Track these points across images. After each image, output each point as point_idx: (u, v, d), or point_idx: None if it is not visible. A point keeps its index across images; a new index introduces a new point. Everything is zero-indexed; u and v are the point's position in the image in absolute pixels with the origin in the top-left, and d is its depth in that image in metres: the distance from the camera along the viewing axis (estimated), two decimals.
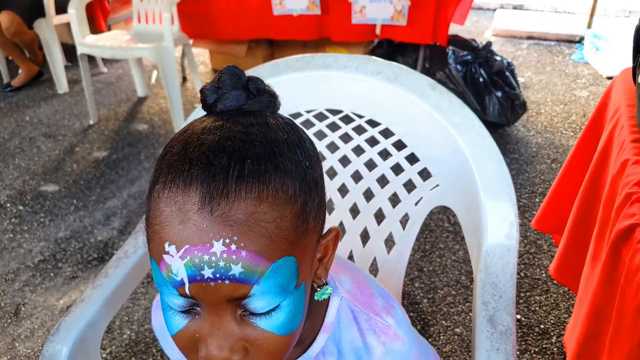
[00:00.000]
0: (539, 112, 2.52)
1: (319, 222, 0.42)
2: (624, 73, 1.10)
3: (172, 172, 0.36)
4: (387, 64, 0.79)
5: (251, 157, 0.36)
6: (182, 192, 0.35)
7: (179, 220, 0.34)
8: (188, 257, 0.34)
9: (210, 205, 0.34)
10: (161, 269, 0.36)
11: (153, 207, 0.36)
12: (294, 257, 0.37)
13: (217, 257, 0.34)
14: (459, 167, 0.74)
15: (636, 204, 0.71)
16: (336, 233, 0.46)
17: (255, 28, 2.63)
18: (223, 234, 0.34)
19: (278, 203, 0.36)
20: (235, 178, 0.35)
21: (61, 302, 1.53)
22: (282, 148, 0.38)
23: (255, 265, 0.35)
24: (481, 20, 4.01)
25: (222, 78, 0.40)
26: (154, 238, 0.36)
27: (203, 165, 0.35)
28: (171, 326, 0.39)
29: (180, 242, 0.34)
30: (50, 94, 3.02)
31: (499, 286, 0.68)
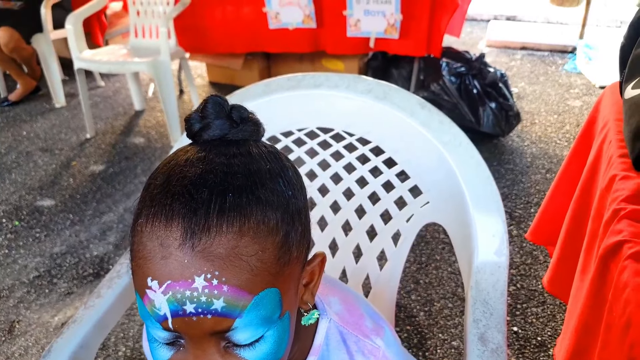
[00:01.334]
0: (533, 122, 2.54)
1: (302, 250, 0.42)
2: (613, 87, 1.12)
3: (154, 205, 0.36)
4: (377, 83, 0.80)
5: (233, 190, 0.36)
6: (164, 227, 0.35)
7: (161, 255, 0.35)
8: (170, 292, 0.35)
9: (191, 241, 0.34)
10: (145, 303, 0.36)
11: (136, 241, 0.37)
12: (277, 288, 0.38)
13: (199, 293, 0.34)
14: (449, 185, 0.75)
15: (624, 220, 0.71)
16: (322, 258, 0.47)
17: (251, 42, 2.66)
18: (204, 269, 0.34)
19: (260, 236, 0.36)
20: (217, 212, 0.35)
21: (56, 319, 1.53)
22: (264, 179, 0.38)
23: (237, 299, 0.35)
24: (475, 31, 4.05)
25: (206, 107, 0.41)
26: (137, 272, 0.37)
27: (185, 199, 0.35)
28: (156, 358, 0.39)
29: (163, 278, 0.35)
30: (47, 108, 3.03)
31: (490, 303, 0.68)
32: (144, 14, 2.64)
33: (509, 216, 1.87)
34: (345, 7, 2.28)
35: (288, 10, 2.44)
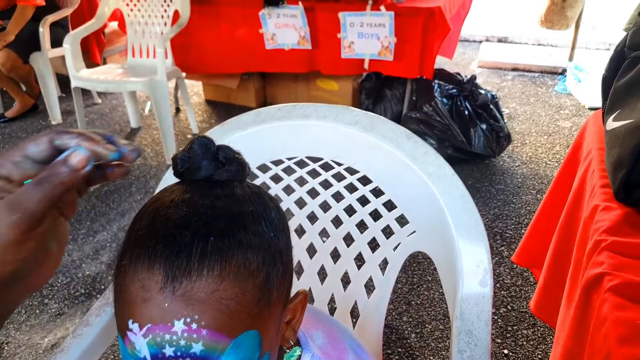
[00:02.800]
0: (524, 143, 2.58)
1: (283, 290, 0.43)
2: (596, 115, 1.14)
3: (138, 247, 0.37)
4: (364, 114, 0.82)
5: (215, 234, 0.37)
6: (147, 270, 0.36)
7: (142, 298, 0.36)
8: (150, 335, 0.35)
9: (172, 285, 0.35)
10: (126, 345, 0.37)
11: (119, 282, 0.38)
12: (257, 329, 0.38)
13: (178, 336, 0.35)
14: (434, 215, 0.77)
15: (604, 252, 0.73)
16: (303, 296, 0.47)
17: (247, 62, 2.70)
18: (184, 312, 0.35)
19: (240, 279, 0.37)
20: (199, 256, 0.36)
21: (46, 340, 1.52)
22: (247, 221, 0.39)
23: (216, 342, 0.36)
24: (467, 52, 4.12)
25: (193, 148, 0.42)
26: (119, 313, 0.38)
27: (168, 242, 0.36)
28: None
29: (143, 321, 0.36)
30: (43, 125, 3.04)
31: (474, 334, 0.69)
32: (141, 34, 2.67)
33: (500, 237, 1.89)
34: (339, 30, 2.33)
35: (284, 32, 2.48)
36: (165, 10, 2.58)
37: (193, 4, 2.49)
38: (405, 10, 2.19)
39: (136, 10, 2.65)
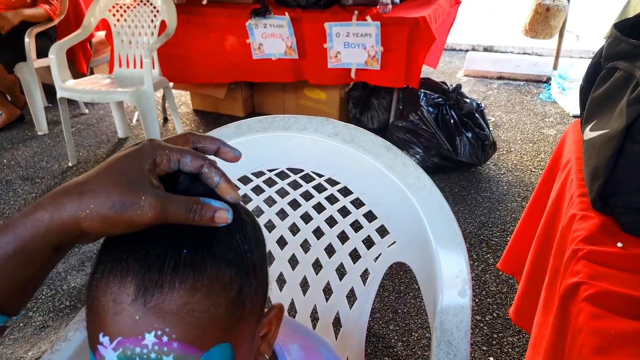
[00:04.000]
0: (510, 151, 2.61)
1: (257, 304, 0.42)
2: (575, 124, 1.16)
3: (110, 261, 0.37)
4: (344, 125, 0.83)
5: (188, 246, 0.37)
6: (119, 283, 0.36)
7: (113, 311, 0.36)
8: (120, 349, 0.35)
9: (144, 297, 0.35)
10: (96, 358, 0.37)
11: (91, 295, 0.38)
12: (229, 343, 0.38)
13: (149, 349, 0.35)
14: (414, 226, 0.77)
15: (581, 261, 0.74)
16: (278, 309, 0.48)
17: (235, 71, 2.70)
18: (155, 325, 0.35)
19: (212, 292, 0.37)
20: (171, 269, 0.36)
21: (30, 354, 1.50)
22: (221, 234, 0.39)
23: (187, 356, 0.36)
24: (454, 60, 4.17)
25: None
26: (90, 327, 0.38)
27: (140, 255, 0.36)
28: None
29: (114, 334, 0.35)
30: (29, 136, 3.02)
31: (454, 344, 0.69)
32: (127, 44, 2.67)
33: (486, 244, 1.90)
34: (325, 40, 2.34)
35: (270, 42, 2.50)
36: (152, 20, 2.58)
37: (180, 14, 2.49)
38: (391, 20, 2.22)
39: (122, 21, 2.64)
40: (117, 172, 0.36)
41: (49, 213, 0.35)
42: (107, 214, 0.35)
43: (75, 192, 0.36)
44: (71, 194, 0.36)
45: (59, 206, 0.35)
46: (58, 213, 0.35)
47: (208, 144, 0.42)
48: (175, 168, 0.39)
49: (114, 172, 0.36)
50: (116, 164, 0.37)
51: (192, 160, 0.39)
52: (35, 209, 0.36)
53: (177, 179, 0.40)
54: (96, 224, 0.35)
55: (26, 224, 0.36)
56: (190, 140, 0.41)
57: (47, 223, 0.35)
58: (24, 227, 0.36)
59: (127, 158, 0.37)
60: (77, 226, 0.36)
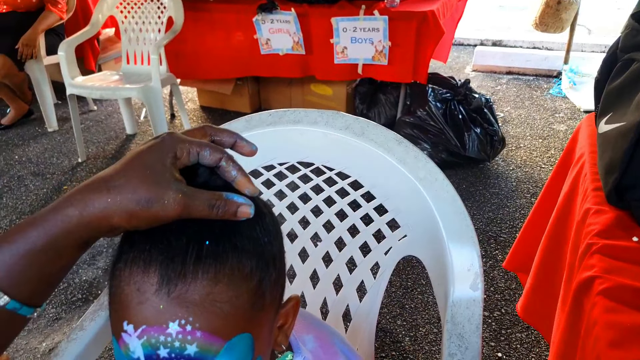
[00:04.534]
0: (519, 147, 2.59)
1: (276, 295, 0.43)
2: (589, 118, 1.15)
3: (133, 251, 0.38)
4: (355, 119, 0.82)
5: (210, 238, 0.37)
6: (142, 273, 0.36)
7: (137, 300, 0.36)
8: (145, 337, 0.36)
9: (167, 287, 0.36)
10: (120, 346, 0.37)
11: (114, 284, 0.38)
12: (250, 333, 0.39)
13: (173, 338, 0.35)
14: (425, 219, 0.77)
15: (596, 255, 0.73)
16: (295, 302, 0.48)
17: (242, 67, 2.71)
18: (179, 314, 0.35)
19: (234, 282, 0.37)
20: (194, 260, 0.36)
21: (44, 345, 1.51)
22: (242, 226, 0.39)
23: (210, 344, 0.36)
24: (462, 55, 4.15)
25: None
26: (113, 315, 0.38)
27: (163, 246, 0.37)
28: None
29: (138, 322, 0.36)
30: (39, 132, 3.04)
31: (465, 337, 0.69)
32: (135, 41, 2.68)
33: (494, 241, 1.89)
34: (332, 35, 2.34)
35: (278, 37, 2.49)
36: (159, 17, 2.59)
37: (187, 11, 2.50)
38: (399, 14, 2.20)
39: (130, 17, 2.65)
40: (141, 167, 0.37)
41: (78, 210, 0.36)
42: (134, 209, 0.36)
43: (103, 189, 0.36)
44: (99, 191, 0.36)
45: (87, 202, 0.36)
46: (87, 209, 0.36)
47: (225, 137, 0.42)
48: (194, 161, 0.39)
49: (139, 167, 0.37)
50: (140, 159, 0.37)
51: (211, 153, 0.39)
52: (65, 205, 0.36)
53: (196, 171, 0.41)
54: (124, 219, 0.36)
55: (56, 220, 0.36)
56: (208, 133, 0.42)
57: (77, 219, 0.36)
58: (54, 223, 0.36)
59: (150, 152, 0.38)
60: (106, 222, 0.36)
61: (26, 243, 0.36)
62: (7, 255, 0.36)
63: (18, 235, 0.36)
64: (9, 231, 0.37)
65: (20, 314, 0.37)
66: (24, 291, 0.36)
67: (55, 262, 0.37)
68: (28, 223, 0.36)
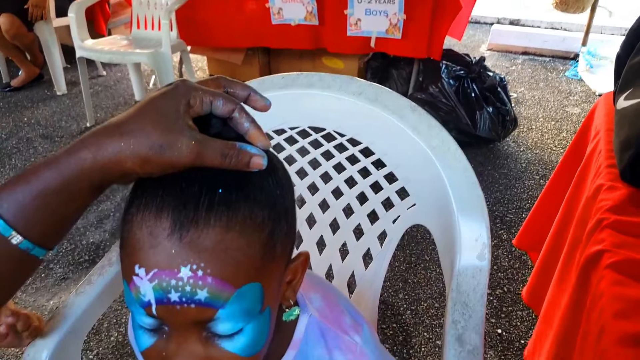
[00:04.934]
0: (530, 128, 2.55)
1: (286, 248, 0.43)
2: (607, 96, 1.13)
3: (146, 196, 0.37)
4: (369, 84, 0.81)
5: (222, 186, 0.37)
6: (154, 218, 0.36)
7: (149, 244, 0.36)
8: (156, 280, 0.36)
9: (179, 232, 0.36)
10: (131, 290, 0.37)
11: (126, 229, 0.38)
12: (260, 282, 0.39)
13: (184, 282, 0.36)
14: (436, 188, 0.76)
15: (606, 230, 0.73)
16: (305, 257, 0.48)
17: (253, 36, 2.66)
18: (191, 260, 0.35)
19: (246, 231, 0.37)
20: (206, 206, 0.36)
21: (51, 303, 1.55)
22: (254, 177, 0.39)
23: (221, 291, 0.36)
24: (477, 34, 4.06)
25: None
26: (125, 260, 0.38)
27: (176, 192, 0.37)
28: (140, 343, 0.40)
29: (150, 266, 0.36)
30: (48, 95, 3.04)
31: (469, 305, 0.69)
32: (146, 5, 2.64)
33: (500, 220, 1.89)
34: (346, 6, 2.29)
35: (291, 6, 2.44)
36: None
37: None
38: None
39: None
40: (155, 112, 0.36)
41: (92, 153, 0.36)
42: (147, 154, 0.35)
43: (117, 133, 0.36)
44: (113, 135, 0.36)
45: (101, 146, 0.36)
46: (100, 153, 0.36)
47: (239, 89, 0.41)
48: (207, 111, 0.39)
49: (153, 113, 0.36)
50: (153, 104, 0.37)
51: (224, 103, 0.38)
52: (79, 148, 0.36)
53: (208, 122, 0.40)
54: (137, 164, 0.36)
55: (70, 162, 0.36)
56: (221, 84, 0.41)
57: (90, 162, 0.36)
58: (67, 165, 0.36)
59: (163, 99, 0.37)
60: (119, 166, 0.36)
61: (40, 183, 0.36)
62: (21, 195, 0.36)
63: (33, 175, 0.36)
64: (24, 172, 0.37)
65: (33, 255, 0.37)
66: (37, 232, 0.36)
67: (68, 204, 0.37)
68: (43, 164, 0.36)
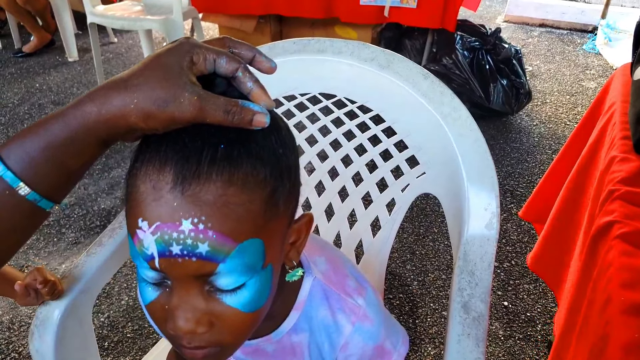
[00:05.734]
0: (545, 102, 2.50)
1: (289, 207, 0.43)
2: (624, 68, 1.10)
3: (150, 151, 0.38)
4: (382, 50, 0.80)
5: (225, 142, 0.37)
6: (157, 171, 0.37)
7: (152, 197, 0.37)
8: (159, 233, 0.36)
9: (182, 185, 0.36)
10: (135, 242, 0.38)
11: (131, 183, 0.39)
12: (261, 239, 0.39)
13: (185, 235, 0.36)
14: (446, 157, 0.76)
15: (617, 201, 0.72)
16: (308, 219, 0.48)
17: (265, 3, 2.61)
18: (192, 213, 0.36)
19: (248, 187, 0.38)
20: (208, 161, 0.36)
21: (63, 267, 1.59)
22: (257, 134, 0.39)
23: (222, 245, 0.37)
24: (494, 5, 3.94)
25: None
26: (129, 213, 0.39)
27: (178, 147, 0.37)
28: (144, 297, 0.41)
29: (152, 219, 0.36)
30: (60, 62, 3.04)
31: (476, 274, 0.70)
32: None
33: (511, 194, 1.88)
34: None
35: None
36: None
37: None
38: None
39: None
40: (159, 67, 0.37)
41: (97, 106, 0.36)
42: (150, 108, 0.36)
43: (122, 87, 0.36)
44: (118, 89, 0.36)
45: (106, 100, 0.36)
46: (105, 107, 0.36)
47: (244, 50, 0.41)
48: (210, 69, 0.39)
49: (157, 68, 0.37)
50: (158, 60, 0.37)
51: (228, 62, 0.38)
52: (84, 102, 0.37)
53: (213, 81, 0.40)
54: (140, 118, 0.36)
55: (76, 115, 0.36)
56: (226, 44, 0.41)
57: (96, 116, 0.36)
58: (73, 117, 0.36)
59: (167, 55, 0.37)
60: (124, 120, 0.36)
61: (48, 136, 0.36)
62: (29, 147, 0.36)
63: (41, 128, 0.37)
64: (33, 124, 0.37)
65: (40, 207, 0.38)
66: (44, 183, 0.37)
67: (75, 157, 0.37)
68: (51, 117, 0.37)
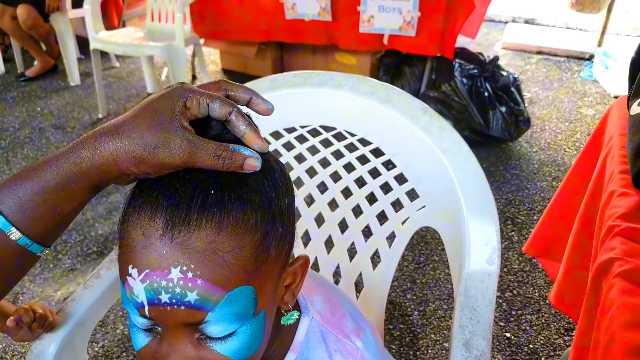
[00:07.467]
0: (544, 129, 2.52)
1: (282, 250, 0.42)
2: (621, 100, 1.11)
3: (142, 197, 0.38)
4: (381, 85, 0.81)
5: (215, 188, 0.37)
6: (148, 218, 0.37)
7: (142, 245, 0.37)
8: (148, 281, 0.36)
9: (171, 232, 0.36)
10: (125, 289, 0.38)
11: (123, 229, 0.39)
12: (252, 286, 0.39)
13: (174, 284, 0.36)
14: (446, 191, 0.76)
15: (617, 238, 0.72)
16: (304, 261, 0.47)
17: (266, 31, 2.66)
18: (181, 261, 0.36)
19: (237, 233, 0.37)
20: (198, 207, 0.36)
21: (59, 294, 1.57)
22: (249, 178, 0.39)
23: (210, 293, 0.36)
24: (492, 32, 4.01)
25: None
26: (121, 259, 0.39)
27: (169, 193, 0.37)
28: (136, 342, 0.41)
29: (142, 266, 0.36)
30: (62, 86, 3.07)
31: (477, 310, 0.69)
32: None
33: (511, 222, 1.87)
34: (359, 2, 2.27)
35: (305, 1, 2.43)
36: None
37: None
38: None
39: None
40: (151, 113, 0.37)
41: (90, 152, 0.37)
42: (141, 153, 0.36)
43: (114, 133, 0.37)
44: (109, 135, 0.37)
45: (98, 145, 0.37)
46: (97, 152, 0.37)
47: (241, 93, 0.41)
48: (204, 113, 0.39)
49: (148, 113, 0.37)
50: (150, 106, 0.38)
51: (221, 106, 0.39)
52: (78, 148, 0.37)
53: (209, 124, 0.41)
54: (132, 163, 0.36)
55: (69, 161, 0.37)
56: (222, 88, 0.41)
57: (88, 162, 0.37)
58: (66, 163, 0.37)
59: (160, 100, 0.38)
60: (116, 166, 0.37)
61: (40, 181, 0.37)
62: (21, 192, 0.37)
63: (33, 172, 0.37)
64: (25, 168, 0.38)
65: (31, 251, 0.38)
66: (35, 228, 0.37)
67: (67, 202, 0.38)
68: (43, 162, 0.37)
